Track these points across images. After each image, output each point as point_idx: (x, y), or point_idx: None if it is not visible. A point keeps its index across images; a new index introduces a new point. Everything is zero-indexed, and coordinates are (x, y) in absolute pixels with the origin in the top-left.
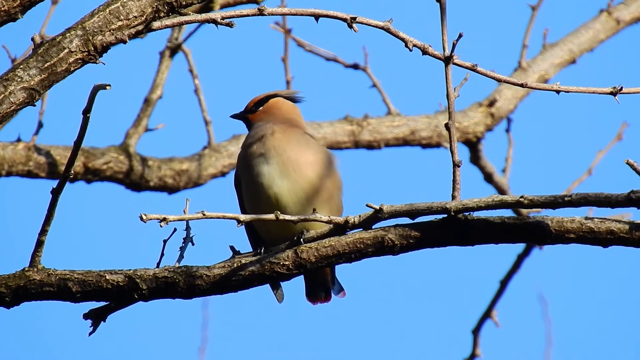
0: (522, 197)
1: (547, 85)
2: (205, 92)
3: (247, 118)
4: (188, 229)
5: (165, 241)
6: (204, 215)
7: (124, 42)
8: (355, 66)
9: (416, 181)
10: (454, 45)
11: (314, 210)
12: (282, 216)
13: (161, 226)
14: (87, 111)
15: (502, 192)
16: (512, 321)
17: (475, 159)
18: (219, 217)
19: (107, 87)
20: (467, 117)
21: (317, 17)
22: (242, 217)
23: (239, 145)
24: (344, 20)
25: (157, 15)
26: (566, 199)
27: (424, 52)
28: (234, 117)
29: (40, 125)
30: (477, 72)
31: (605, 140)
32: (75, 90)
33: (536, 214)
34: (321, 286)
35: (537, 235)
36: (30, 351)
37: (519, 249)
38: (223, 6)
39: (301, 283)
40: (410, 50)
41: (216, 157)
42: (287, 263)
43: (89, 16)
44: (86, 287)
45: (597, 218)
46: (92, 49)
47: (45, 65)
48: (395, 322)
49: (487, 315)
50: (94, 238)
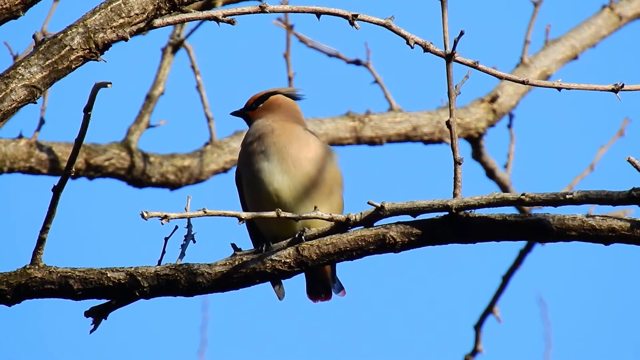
0: (523, 194)
1: (548, 82)
2: (207, 88)
3: (247, 115)
4: (189, 226)
5: (166, 239)
6: (205, 212)
7: (126, 39)
8: (357, 62)
9: (418, 177)
10: (455, 43)
11: (315, 207)
12: (283, 214)
13: (162, 224)
14: (88, 109)
15: (504, 188)
16: (514, 317)
17: (477, 154)
18: (220, 215)
19: (108, 85)
20: (469, 113)
21: (318, 14)
22: (244, 215)
23: (241, 141)
24: (346, 17)
25: (158, 12)
26: (567, 196)
27: (426, 49)
28: (234, 114)
29: (42, 122)
30: (479, 69)
31: (607, 136)
32: (77, 87)
33: (538, 210)
34: (322, 284)
35: (538, 233)
36: (31, 349)
37: (521, 244)
38: (225, 3)
39: (302, 281)
40: (412, 48)
41: (218, 154)
42: (288, 260)
43: (91, 14)
44: (87, 284)
45: (598, 216)
46: (94, 46)
47: (47, 63)
48: (397, 318)
49: (489, 310)
50: (96, 235)
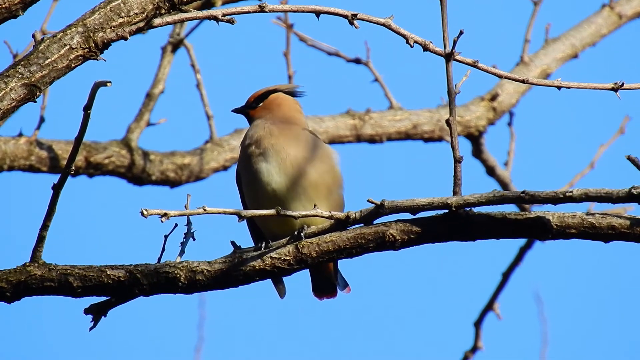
0: (523, 192)
1: (548, 81)
2: (207, 86)
3: (247, 113)
4: (189, 224)
5: (166, 236)
6: (205, 210)
7: (125, 38)
8: (357, 61)
9: (418, 175)
10: (454, 42)
11: (315, 205)
12: (283, 212)
13: (162, 221)
14: (87, 108)
15: (504, 186)
16: (514, 314)
17: (478, 152)
18: (220, 213)
19: (108, 84)
20: (469, 111)
21: (318, 13)
22: (243, 213)
23: (241, 139)
24: (345, 17)
25: (158, 11)
26: (567, 194)
27: (425, 48)
28: (235, 111)
29: (42, 120)
30: (479, 68)
31: (608, 134)
32: (77, 86)
33: (537, 208)
34: (327, 281)
35: (538, 231)
36: (31, 346)
37: (522, 241)
38: (224, 2)
39: (304, 278)
40: (412, 47)
41: (218, 151)
42: (288, 258)
43: (90, 13)
44: (87, 282)
45: (598, 213)
46: (93, 45)
47: (46, 62)
48: (397, 315)
49: (489, 307)
50: (96, 233)
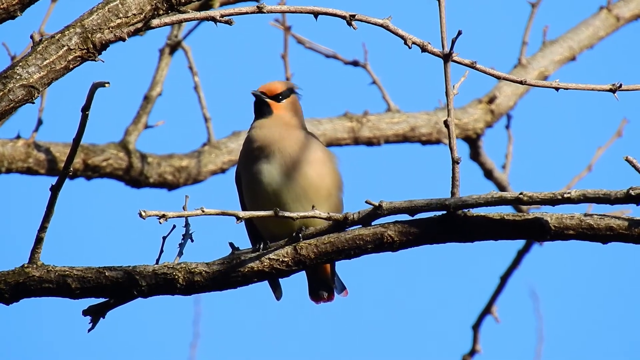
0: (521, 193)
1: (546, 82)
2: (204, 89)
3: (268, 104)
4: (187, 225)
5: (164, 238)
6: (203, 212)
7: (123, 39)
8: (355, 63)
9: (416, 177)
10: (453, 43)
11: (313, 207)
12: (281, 213)
13: (160, 223)
14: (86, 109)
15: (502, 188)
16: (512, 317)
17: (475, 155)
18: (218, 214)
19: (106, 84)
20: (466, 114)
21: (316, 14)
22: (241, 214)
23: (239, 142)
24: (343, 17)
25: (156, 12)
26: (565, 195)
27: (423, 49)
28: (257, 97)
29: (40, 122)
30: (477, 69)
31: (605, 137)
32: (75, 88)
33: (535, 210)
34: (323, 284)
35: (536, 232)
36: (29, 347)
37: (519, 244)
38: (222, 4)
39: (301, 281)
40: (410, 48)
41: (216, 154)
42: (286, 259)
43: (88, 14)
44: (85, 283)
45: (596, 215)
46: (91, 46)
47: (44, 63)
48: (395, 318)
49: (487, 311)
50: (94, 235)
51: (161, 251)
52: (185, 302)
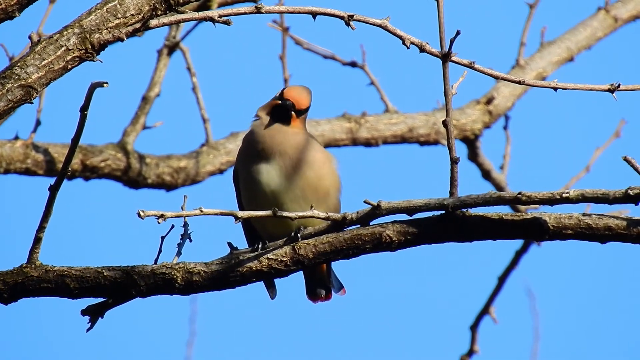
0: (519, 193)
1: (544, 82)
2: (203, 90)
3: (291, 117)
4: (186, 225)
5: (163, 238)
6: (202, 212)
7: (122, 40)
8: (353, 64)
9: (414, 178)
10: (451, 43)
11: (312, 207)
12: (279, 213)
13: (159, 223)
14: (84, 109)
15: (500, 189)
16: (510, 318)
17: (473, 156)
18: (216, 214)
19: (105, 84)
20: (464, 115)
21: (314, 14)
22: (240, 214)
23: (237, 142)
24: (342, 18)
25: (154, 13)
26: (564, 195)
27: (422, 49)
28: (286, 108)
29: (38, 123)
30: (475, 69)
31: (603, 138)
32: (73, 88)
33: (534, 210)
34: (321, 284)
35: (534, 232)
36: (28, 347)
37: (517, 245)
38: (221, 4)
39: (298, 280)
40: (408, 48)
41: (214, 155)
42: (284, 259)
43: (87, 14)
44: (84, 283)
45: (594, 214)
46: (90, 46)
47: (43, 63)
48: (393, 318)
49: (485, 311)
50: (92, 235)
51: (160, 251)
52: (181, 301)
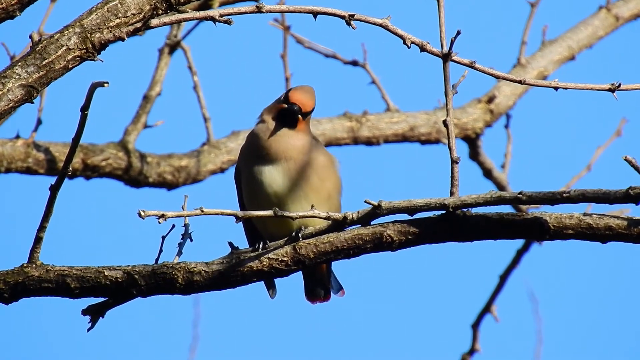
0: (520, 193)
1: (545, 81)
2: (204, 88)
3: (297, 120)
4: (187, 225)
5: (163, 237)
6: (203, 211)
7: (122, 39)
8: (354, 63)
9: (415, 177)
10: (452, 42)
11: (313, 206)
12: (280, 212)
13: (159, 222)
14: (85, 108)
15: (501, 188)
16: (512, 316)
17: (475, 155)
18: (217, 214)
19: (105, 84)
20: (466, 114)
21: (315, 14)
22: (241, 214)
23: (238, 141)
24: (342, 17)
25: (155, 12)
26: (564, 195)
27: (422, 49)
28: (294, 112)
29: (39, 122)
30: (476, 69)
31: (605, 137)
32: (74, 88)
33: (535, 209)
34: (320, 284)
35: (535, 232)
36: (28, 347)
37: (519, 244)
38: (222, 3)
39: (297, 281)
40: (409, 48)
41: (215, 154)
42: (285, 259)
43: (87, 14)
44: (85, 283)
45: (595, 214)
46: (90, 46)
47: (43, 63)
48: (395, 317)
49: (486, 310)
50: (93, 234)
51: (160, 251)
52: (184, 304)
